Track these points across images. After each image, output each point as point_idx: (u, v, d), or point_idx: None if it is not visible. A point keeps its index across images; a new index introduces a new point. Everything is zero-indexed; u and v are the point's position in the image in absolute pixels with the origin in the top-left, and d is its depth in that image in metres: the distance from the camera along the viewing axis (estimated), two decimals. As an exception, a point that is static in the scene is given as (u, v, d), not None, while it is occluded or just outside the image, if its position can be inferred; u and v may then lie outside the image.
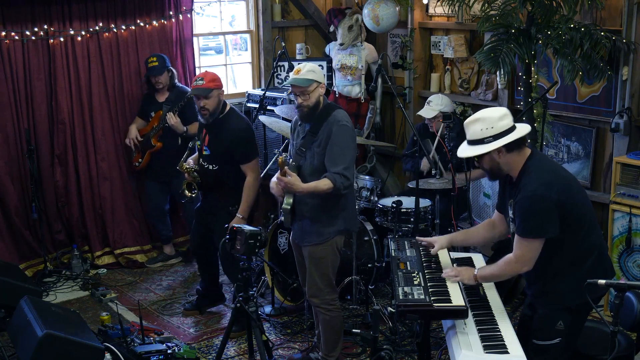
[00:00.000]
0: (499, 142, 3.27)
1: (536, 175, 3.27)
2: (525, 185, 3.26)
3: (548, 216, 3.21)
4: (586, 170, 5.40)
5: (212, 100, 4.66)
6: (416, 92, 6.67)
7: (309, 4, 7.01)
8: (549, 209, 3.20)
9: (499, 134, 3.28)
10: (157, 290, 5.79)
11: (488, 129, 3.28)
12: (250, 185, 4.78)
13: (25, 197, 5.84)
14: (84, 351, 3.97)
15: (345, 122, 4.07)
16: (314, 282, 4.24)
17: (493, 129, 3.27)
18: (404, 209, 5.11)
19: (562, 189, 3.26)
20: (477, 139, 3.31)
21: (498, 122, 3.28)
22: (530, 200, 3.22)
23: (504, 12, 4.81)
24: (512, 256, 3.35)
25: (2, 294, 4.89)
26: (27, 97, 5.75)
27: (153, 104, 6.00)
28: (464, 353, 3.04)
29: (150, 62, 5.82)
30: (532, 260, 3.29)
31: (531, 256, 3.28)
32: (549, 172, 3.32)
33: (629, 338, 3.71)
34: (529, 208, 3.23)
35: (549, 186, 3.23)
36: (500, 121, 3.29)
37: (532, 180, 3.25)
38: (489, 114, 3.33)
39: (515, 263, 3.33)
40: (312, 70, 4.07)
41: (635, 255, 4.77)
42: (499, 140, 3.27)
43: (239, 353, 4.74)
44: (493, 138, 3.28)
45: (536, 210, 3.21)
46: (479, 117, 3.33)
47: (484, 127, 3.29)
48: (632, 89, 5.00)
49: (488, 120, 3.29)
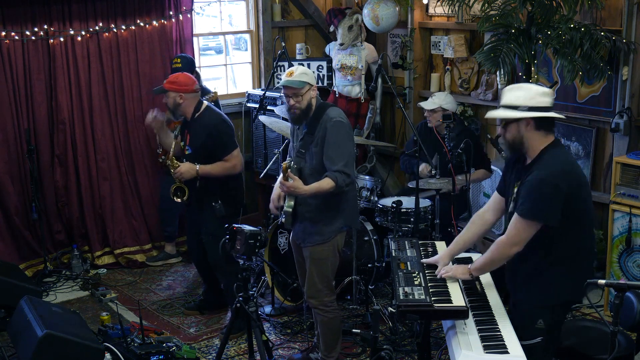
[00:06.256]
0: (532, 113, 3.26)
1: (552, 162, 3.26)
2: (539, 168, 3.26)
3: (552, 203, 3.20)
4: (586, 170, 5.40)
5: (169, 100, 4.86)
6: (416, 92, 6.67)
7: (309, 4, 7.02)
8: (555, 197, 3.20)
9: (535, 107, 3.27)
10: (157, 290, 5.79)
11: (527, 99, 3.27)
12: (225, 164, 4.86)
13: (25, 197, 5.84)
14: (84, 351, 3.97)
15: (339, 118, 4.08)
16: (312, 283, 4.24)
17: (532, 100, 3.27)
18: (404, 209, 5.11)
19: (573, 183, 3.26)
20: (513, 104, 3.30)
21: (539, 96, 3.29)
22: (540, 183, 3.21)
23: (504, 12, 4.81)
24: (503, 237, 3.35)
25: (2, 294, 4.90)
26: (27, 97, 5.75)
27: None
28: (464, 353, 3.04)
29: (174, 63, 5.84)
30: (523, 242, 3.27)
31: (523, 238, 3.27)
32: (566, 163, 3.32)
33: (629, 338, 3.71)
34: (537, 190, 3.22)
35: (562, 175, 3.22)
36: (542, 97, 3.29)
37: (547, 165, 3.25)
38: (533, 86, 3.35)
39: (505, 243, 3.32)
40: (305, 72, 4.09)
41: (635, 255, 4.77)
42: (533, 112, 3.27)
43: (239, 353, 4.74)
44: (528, 109, 3.27)
45: (544, 194, 3.20)
46: (523, 86, 3.35)
47: (523, 95, 3.28)
48: (632, 89, 5.00)
49: (531, 91, 3.30)
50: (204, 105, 4.93)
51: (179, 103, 4.84)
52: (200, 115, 4.88)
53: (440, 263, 3.66)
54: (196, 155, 4.86)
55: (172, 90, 4.83)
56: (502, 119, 3.36)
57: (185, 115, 4.89)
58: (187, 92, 4.84)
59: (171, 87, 4.83)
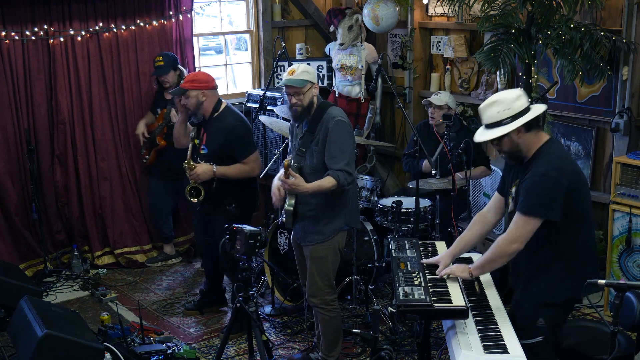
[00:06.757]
0: (518, 121, 3.26)
1: (551, 158, 3.27)
2: (537, 165, 3.26)
3: (554, 198, 3.20)
4: (586, 170, 5.40)
5: (191, 100, 4.72)
6: (416, 92, 6.67)
7: (309, 4, 7.02)
8: (556, 192, 3.20)
9: (516, 114, 3.27)
10: (157, 290, 5.79)
11: (505, 111, 3.27)
12: (242, 167, 4.79)
13: (25, 197, 5.84)
14: (84, 351, 3.97)
15: (340, 118, 4.09)
16: (313, 282, 4.24)
17: (510, 109, 3.27)
18: (404, 209, 5.11)
19: (574, 178, 3.27)
20: (495, 121, 3.30)
21: (514, 102, 3.28)
22: (540, 179, 3.21)
23: (504, 12, 4.81)
24: (505, 234, 3.33)
25: (2, 294, 4.90)
26: (27, 97, 5.75)
27: (161, 101, 6.02)
28: (464, 353, 3.04)
29: (157, 62, 5.83)
30: (524, 239, 3.26)
31: (525, 235, 3.26)
32: (564, 159, 3.33)
33: (629, 338, 3.71)
34: (538, 186, 3.22)
35: (561, 170, 3.23)
36: (517, 101, 3.29)
37: (545, 162, 3.25)
38: (505, 95, 3.33)
39: (506, 240, 3.30)
40: (306, 71, 4.10)
41: (635, 255, 4.77)
42: (518, 120, 3.27)
43: (239, 353, 4.74)
44: (511, 119, 3.27)
45: (544, 189, 3.20)
46: (495, 99, 3.33)
47: (501, 109, 3.28)
48: (632, 89, 5.00)
49: (505, 101, 3.29)
50: (223, 104, 4.84)
51: (201, 101, 4.71)
52: (219, 115, 4.80)
53: (442, 263, 3.65)
54: (212, 155, 4.78)
55: (194, 89, 4.69)
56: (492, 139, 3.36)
57: (204, 114, 4.77)
58: (209, 88, 4.73)
59: (193, 86, 4.69)
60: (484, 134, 3.37)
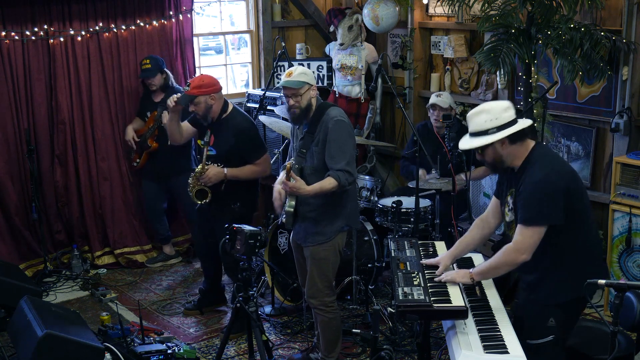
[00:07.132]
0: (503, 132, 3.27)
1: (544, 163, 3.27)
2: (532, 172, 3.26)
3: (553, 202, 3.20)
4: (586, 170, 5.40)
5: (200, 106, 4.67)
6: (416, 92, 6.67)
7: (309, 4, 7.02)
8: (555, 195, 3.20)
9: (503, 125, 3.28)
10: (157, 290, 5.79)
11: (492, 120, 3.28)
12: (254, 168, 4.78)
13: (25, 197, 5.84)
14: (84, 351, 3.97)
15: (340, 117, 4.09)
16: (313, 283, 4.24)
17: (497, 120, 3.28)
18: (404, 209, 5.11)
19: (570, 179, 3.27)
20: (481, 130, 3.31)
21: (502, 113, 3.29)
22: (537, 185, 3.21)
23: (504, 12, 4.81)
24: (511, 244, 3.32)
25: (2, 294, 4.90)
26: (27, 97, 5.75)
27: (149, 104, 6.01)
28: (464, 353, 3.04)
29: (144, 65, 5.83)
30: (531, 249, 3.25)
31: (531, 245, 3.25)
32: (557, 162, 3.33)
33: (629, 338, 3.71)
34: (535, 193, 3.21)
35: (557, 174, 3.23)
36: (505, 112, 3.30)
37: (540, 167, 3.25)
38: (493, 105, 3.34)
39: (513, 251, 3.29)
40: (304, 72, 4.11)
41: (635, 255, 4.77)
42: (503, 131, 3.27)
43: (239, 353, 4.74)
44: (497, 129, 3.28)
45: (542, 195, 3.20)
46: (484, 108, 3.33)
47: (488, 118, 3.29)
48: (632, 89, 5.00)
49: (493, 111, 3.30)
50: (230, 106, 4.82)
51: (210, 105, 4.67)
52: (227, 116, 4.77)
53: (442, 264, 3.65)
54: (220, 157, 4.76)
55: (202, 94, 4.63)
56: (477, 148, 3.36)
57: (213, 116, 4.72)
58: (217, 91, 4.70)
59: (201, 92, 4.62)
60: (468, 142, 3.38)
